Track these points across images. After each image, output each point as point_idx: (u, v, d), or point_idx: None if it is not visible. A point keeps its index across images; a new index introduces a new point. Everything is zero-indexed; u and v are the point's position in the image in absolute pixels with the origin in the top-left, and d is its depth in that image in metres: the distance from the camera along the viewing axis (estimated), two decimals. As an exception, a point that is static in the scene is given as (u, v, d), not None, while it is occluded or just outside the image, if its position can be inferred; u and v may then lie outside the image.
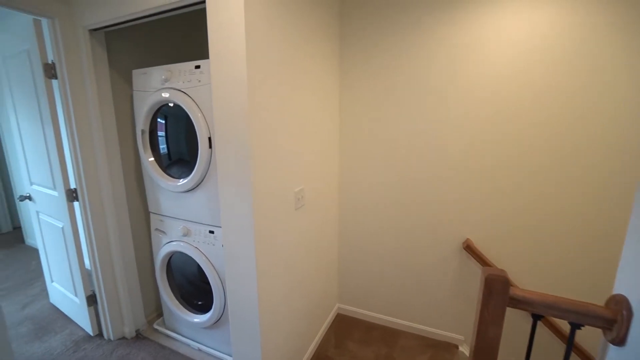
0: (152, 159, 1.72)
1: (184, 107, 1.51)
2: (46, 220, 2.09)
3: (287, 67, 1.40)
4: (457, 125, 1.76)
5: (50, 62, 1.66)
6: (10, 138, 3.39)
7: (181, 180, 1.63)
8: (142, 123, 1.68)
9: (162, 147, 1.74)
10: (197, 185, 1.60)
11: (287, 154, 1.49)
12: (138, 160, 1.97)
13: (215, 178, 1.55)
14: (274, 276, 1.47)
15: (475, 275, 1.89)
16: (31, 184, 2.13)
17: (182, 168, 1.69)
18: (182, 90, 1.53)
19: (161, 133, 1.73)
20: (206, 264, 1.68)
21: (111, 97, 1.77)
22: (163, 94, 1.57)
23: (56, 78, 1.67)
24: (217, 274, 1.68)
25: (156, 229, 1.88)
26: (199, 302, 1.89)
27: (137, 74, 1.69)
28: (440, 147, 1.82)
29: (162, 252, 1.84)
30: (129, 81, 1.89)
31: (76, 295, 2.06)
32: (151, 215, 1.88)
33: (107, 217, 1.84)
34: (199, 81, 1.48)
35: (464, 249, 1.86)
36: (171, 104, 1.61)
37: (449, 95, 1.75)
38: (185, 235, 1.72)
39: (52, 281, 2.31)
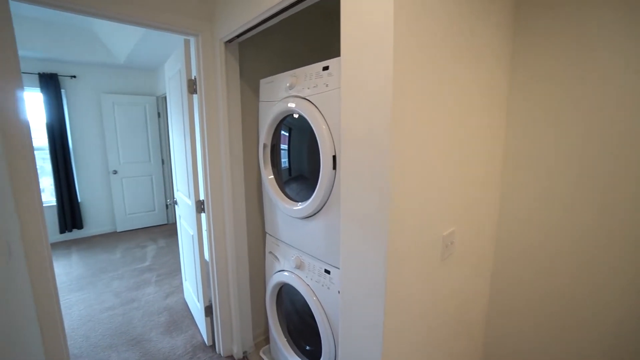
0: (272, 176, 1.55)
1: (307, 118, 1.26)
2: (183, 225, 2.25)
3: (439, 67, 0.95)
4: None
5: (193, 77, 1.72)
6: (177, 146, 4.10)
7: (299, 204, 1.39)
8: (264, 136, 1.53)
9: (284, 160, 1.55)
10: (316, 213, 1.32)
11: (436, 184, 1.03)
12: (260, 175, 1.88)
13: (337, 206, 1.23)
14: (405, 344, 1.03)
15: None
16: (177, 190, 2.35)
17: (302, 187, 1.45)
18: (306, 97, 1.28)
19: (284, 146, 1.55)
20: (317, 308, 1.38)
21: (240, 110, 1.71)
22: (286, 104, 1.37)
23: (196, 93, 1.71)
24: (330, 323, 1.35)
25: (270, 252, 1.72)
26: (307, 347, 1.61)
27: (264, 83, 1.56)
28: None
29: (273, 279, 1.65)
30: (257, 92, 1.81)
31: (198, 301, 2.12)
32: (267, 236, 1.73)
33: (227, 232, 1.79)
34: (327, 86, 1.19)
35: None
36: (295, 115, 1.40)
37: None
38: (297, 267, 1.47)
39: (186, 280, 2.51)
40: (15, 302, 1.02)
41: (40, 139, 3.93)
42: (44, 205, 3.74)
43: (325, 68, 1.20)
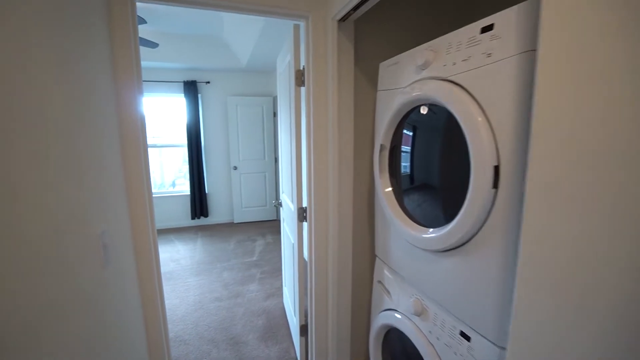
0: (390, 189, 1.18)
1: (449, 107, 0.85)
2: (286, 230, 2.12)
3: None
4: None
5: (301, 68, 1.51)
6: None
7: (429, 231, 0.98)
8: (381, 136, 1.19)
9: (404, 165, 1.18)
10: (456, 247, 0.90)
11: None
12: (373, 184, 1.54)
13: (497, 243, 0.78)
14: None
15: None
16: (282, 192, 2.24)
17: (425, 199, 1.06)
18: (448, 78, 0.88)
19: (406, 148, 1.17)
20: (445, 383, 0.96)
21: (352, 103, 1.42)
22: (417, 89, 0.98)
23: (304, 85, 1.50)
24: (463, 411, 0.91)
25: (379, 282, 1.37)
26: (422, 421, 1.20)
27: (385, 67, 1.21)
28: None
29: (380, 318, 1.30)
30: (374, 81, 1.47)
31: (295, 315, 1.94)
32: (377, 260, 1.39)
33: (329, 248, 1.53)
34: (489, 56, 0.76)
35: None
36: (423, 110, 1.00)
37: None
38: (417, 314, 1.08)
39: (285, 285, 2.40)
40: (112, 308, 0.97)
41: (182, 137, 4.60)
42: (181, 194, 4.30)
43: (486, 29, 0.77)
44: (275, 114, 4.79)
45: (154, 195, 4.35)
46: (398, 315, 1.20)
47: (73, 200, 0.75)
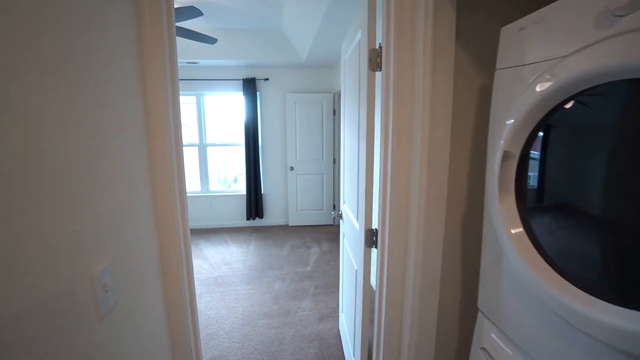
0: (520, 229, 0.74)
1: None
2: (346, 249, 1.77)
3: None
4: None
5: (377, 46, 1.14)
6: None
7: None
8: (507, 138, 0.76)
9: (531, 174, 0.75)
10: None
11: None
12: (476, 205, 1.10)
13: None
14: None
15: None
16: (343, 202, 1.90)
17: (565, 224, 0.62)
18: None
19: (534, 153, 0.74)
20: None
21: (451, 93, 1.00)
22: (604, 56, 0.55)
23: (380, 69, 1.13)
24: None
25: (482, 349, 0.94)
26: None
27: (514, 31, 0.78)
28: None
29: (490, 411, 0.87)
30: (481, 60, 1.03)
31: (353, 355, 1.59)
32: (479, 316, 0.96)
33: (407, 290, 1.13)
34: None
35: None
36: (567, 105, 0.56)
37: None
38: None
39: (342, 311, 2.06)
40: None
41: (241, 136, 4.53)
42: (237, 194, 4.20)
43: None
44: (335, 112, 4.48)
45: (211, 194, 4.30)
46: (524, 419, 0.76)
47: (56, 236, 0.50)
